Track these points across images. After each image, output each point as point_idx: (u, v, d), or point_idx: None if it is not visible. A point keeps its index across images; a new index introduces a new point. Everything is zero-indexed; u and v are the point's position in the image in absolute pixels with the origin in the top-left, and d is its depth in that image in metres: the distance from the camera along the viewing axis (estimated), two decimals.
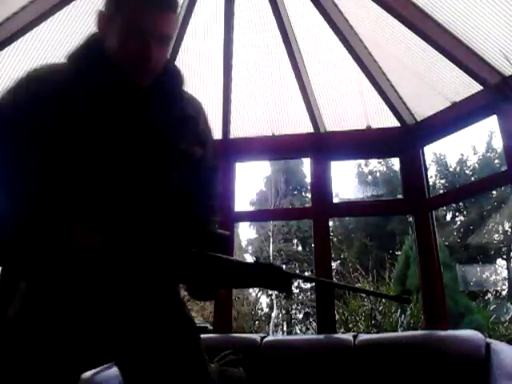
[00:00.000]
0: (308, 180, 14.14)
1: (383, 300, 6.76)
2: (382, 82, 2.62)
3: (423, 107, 2.63)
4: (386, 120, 2.73)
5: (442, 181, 13.46)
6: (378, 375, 1.91)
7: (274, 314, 12.34)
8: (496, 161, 12.31)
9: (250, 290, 12.79)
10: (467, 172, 13.12)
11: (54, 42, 2.37)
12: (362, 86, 2.67)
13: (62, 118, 0.92)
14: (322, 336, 2.36)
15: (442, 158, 13.56)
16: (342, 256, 13.28)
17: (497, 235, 12.19)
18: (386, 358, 1.94)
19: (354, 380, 1.92)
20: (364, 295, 6.92)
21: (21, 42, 2.29)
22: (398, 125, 2.72)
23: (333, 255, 12.08)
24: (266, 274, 0.96)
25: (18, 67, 2.38)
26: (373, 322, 6.63)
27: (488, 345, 1.79)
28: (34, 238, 0.88)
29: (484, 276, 11.58)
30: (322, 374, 1.94)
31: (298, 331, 12.49)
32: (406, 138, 2.69)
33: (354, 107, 2.79)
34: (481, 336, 1.87)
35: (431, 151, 13.66)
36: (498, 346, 1.80)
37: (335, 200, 2.91)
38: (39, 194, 0.91)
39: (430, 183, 12.59)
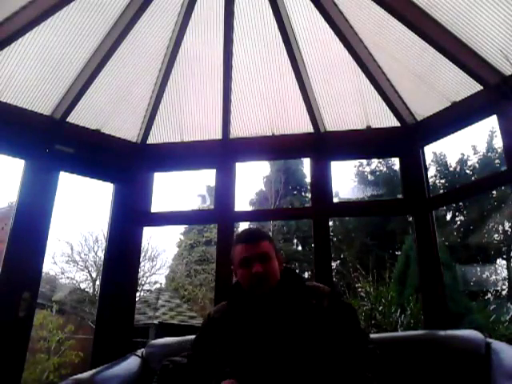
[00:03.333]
0: (308, 180, 14.15)
1: (383, 300, 6.76)
2: (382, 82, 2.62)
3: (423, 107, 2.63)
4: (386, 120, 2.74)
5: (442, 181, 13.46)
6: None
7: None
8: (496, 161, 12.30)
9: None
10: (467, 172, 13.11)
11: (54, 42, 2.37)
12: (362, 86, 2.67)
13: (221, 338, 1.53)
14: None
15: (442, 157, 13.56)
16: (341, 256, 13.30)
17: (497, 235, 12.19)
18: (386, 357, 1.94)
19: None
20: (364, 295, 6.92)
21: (21, 41, 2.30)
22: (398, 125, 2.72)
23: (333, 255, 12.09)
24: None
25: (18, 67, 2.38)
26: (373, 321, 6.63)
27: (488, 344, 1.79)
28: None
29: (484, 276, 11.59)
30: None
31: None
32: (406, 138, 2.69)
33: (354, 107, 2.79)
34: (481, 336, 1.87)
35: (431, 151, 13.69)
36: (498, 345, 1.80)
37: (335, 200, 2.91)
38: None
39: (430, 183, 12.60)
